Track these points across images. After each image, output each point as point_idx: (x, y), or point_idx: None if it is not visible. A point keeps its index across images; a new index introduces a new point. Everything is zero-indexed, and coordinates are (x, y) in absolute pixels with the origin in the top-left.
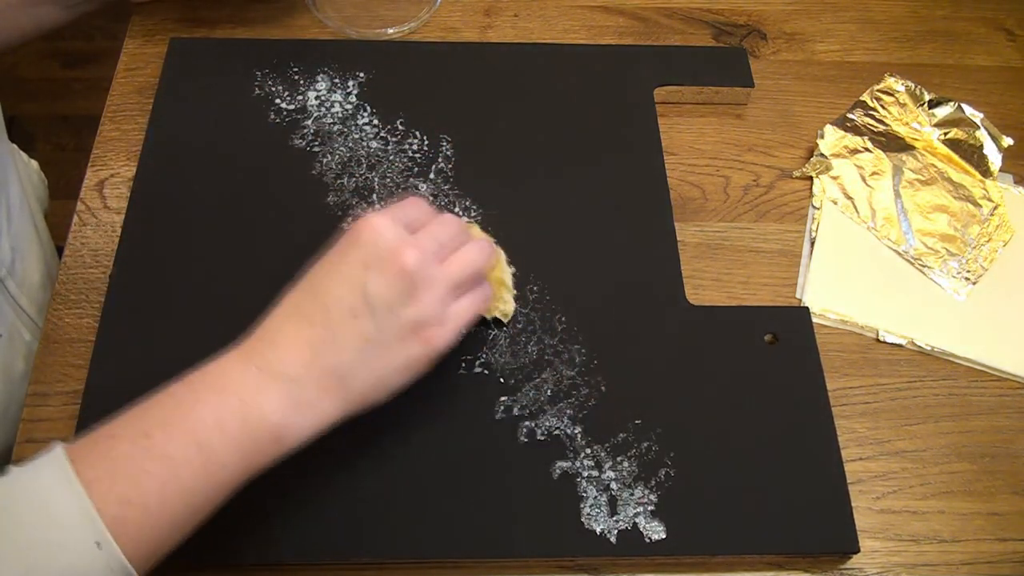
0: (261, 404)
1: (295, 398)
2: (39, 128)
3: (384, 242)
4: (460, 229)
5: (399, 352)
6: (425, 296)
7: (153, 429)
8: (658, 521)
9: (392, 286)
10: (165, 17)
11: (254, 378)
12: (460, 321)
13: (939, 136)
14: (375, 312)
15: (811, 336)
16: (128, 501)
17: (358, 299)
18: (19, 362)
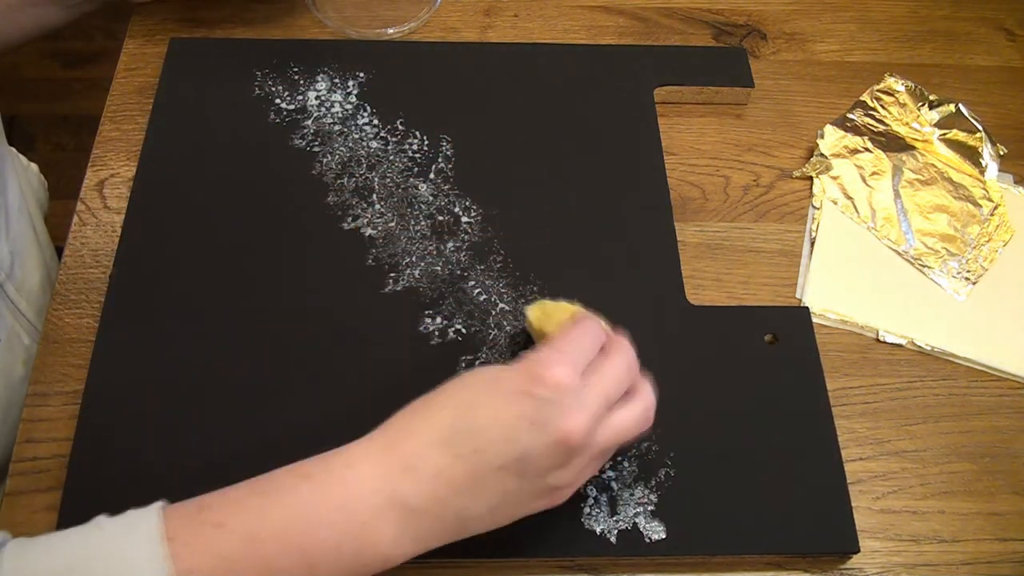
0: (380, 536)
1: (414, 534)
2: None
3: (559, 405)
4: (632, 373)
5: (527, 508)
6: (575, 466)
7: (267, 534)
8: (658, 521)
9: (551, 454)
10: (165, 17)
11: (382, 504)
12: (588, 475)
13: (939, 136)
14: (524, 474)
15: (811, 336)
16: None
17: (513, 457)
18: (18, 366)
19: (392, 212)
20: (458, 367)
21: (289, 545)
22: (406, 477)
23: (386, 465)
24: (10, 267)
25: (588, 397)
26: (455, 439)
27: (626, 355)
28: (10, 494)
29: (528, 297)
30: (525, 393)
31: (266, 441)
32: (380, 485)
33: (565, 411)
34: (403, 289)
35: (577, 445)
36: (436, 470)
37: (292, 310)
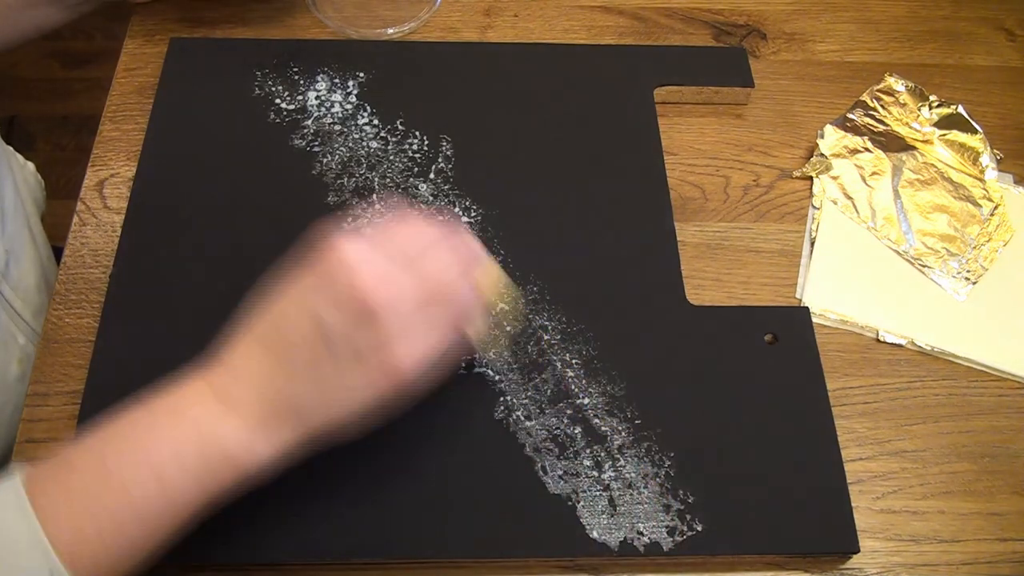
0: (218, 435)
1: (252, 429)
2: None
3: (338, 262)
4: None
5: (361, 383)
6: (388, 323)
7: (111, 460)
8: (658, 521)
9: (345, 313)
10: (165, 17)
11: (212, 408)
12: (429, 345)
13: (939, 136)
14: (329, 341)
15: (811, 336)
16: (83, 533)
17: (312, 328)
18: (13, 366)
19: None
20: (458, 367)
21: (132, 462)
22: (230, 380)
23: (211, 378)
24: (5, 266)
25: (374, 254)
26: (262, 332)
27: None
28: None
29: (528, 296)
30: (312, 270)
31: None
32: (207, 391)
33: (351, 267)
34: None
35: (372, 298)
36: (251, 365)
37: None
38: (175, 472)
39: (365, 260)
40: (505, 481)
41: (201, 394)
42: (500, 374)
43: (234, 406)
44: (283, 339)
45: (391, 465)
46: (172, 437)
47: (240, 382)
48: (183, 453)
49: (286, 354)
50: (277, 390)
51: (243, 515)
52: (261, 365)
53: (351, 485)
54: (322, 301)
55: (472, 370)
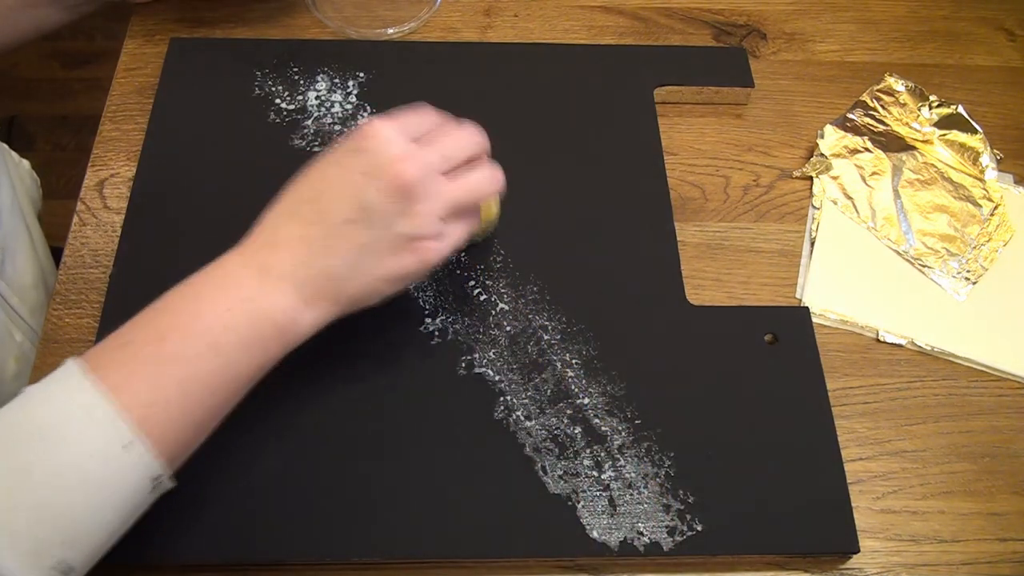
0: (265, 306)
1: (294, 299)
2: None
3: (385, 152)
4: (473, 144)
5: (392, 262)
6: (422, 211)
7: (166, 333)
8: (658, 521)
9: (389, 198)
10: (165, 17)
11: (255, 279)
12: (456, 239)
13: (939, 136)
14: (371, 222)
15: (811, 336)
16: (150, 402)
17: (355, 207)
18: (10, 363)
19: None
20: (458, 367)
21: (187, 333)
22: (269, 254)
23: (249, 251)
24: (1, 262)
25: (420, 148)
26: (303, 209)
27: (467, 131)
28: None
29: (528, 296)
30: (354, 151)
31: (264, 437)
32: (247, 266)
33: (394, 156)
34: (403, 289)
35: (412, 182)
36: (292, 239)
37: None
38: (227, 340)
39: (403, 143)
40: (505, 481)
41: (243, 268)
42: (500, 374)
43: (277, 279)
44: (322, 213)
45: (391, 465)
46: (223, 310)
47: (281, 257)
48: (234, 325)
49: (324, 226)
50: (316, 262)
51: (243, 515)
52: (301, 239)
53: (351, 485)
54: (362, 177)
55: (472, 370)
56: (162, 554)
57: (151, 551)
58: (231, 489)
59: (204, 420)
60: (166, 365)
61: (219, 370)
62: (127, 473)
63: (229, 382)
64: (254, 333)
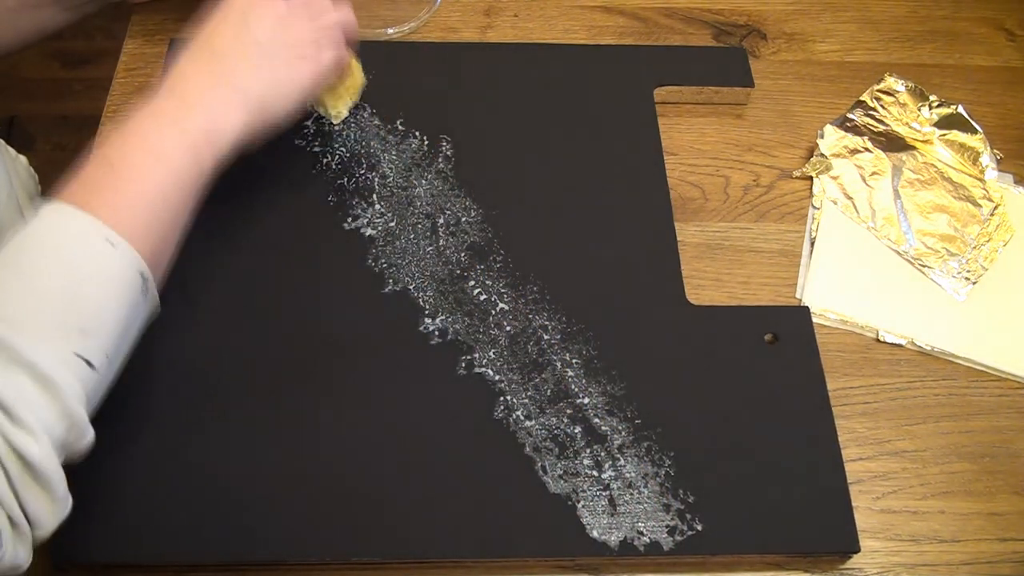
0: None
1: (211, 115)
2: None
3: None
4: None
5: (290, 68)
6: (299, 22)
7: (108, 156)
8: (658, 521)
9: (270, 20)
10: (165, 17)
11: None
12: (335, 35)
13: (939, 136)
14: (260, 43)
15: (811, 336)
16: (116, 206)
17: (245, 32)
18: None
19: (392, 212)
20: (458, 367)
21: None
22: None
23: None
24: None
25: None
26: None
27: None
28: None
29: (528, 296)
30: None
31: (265, 438)
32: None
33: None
34: (403, 289)
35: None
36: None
37: (291, 310)
38: (169, 149)
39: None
40: (505, 481)
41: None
42: (500, 374)
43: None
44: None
45: (391, 465)
46: (162, 136)
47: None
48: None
49: (226, 61)
50: (223, 83)
51: (243, 515)
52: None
53: (351, 485)
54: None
55: (472, 370)
56: (161, 554)
57: (150, 551)
58: (231, 489)
59: (164, 229)
60: (113, 176)
61: (167, 177)
62: (119, 265)
63: (178, 189)
64: (189, 145)
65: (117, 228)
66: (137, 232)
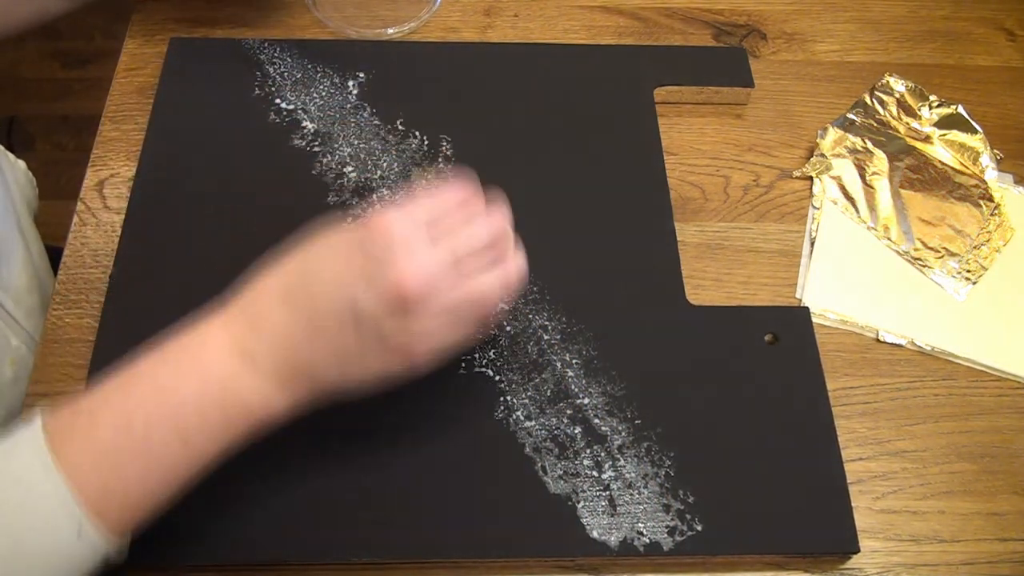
0: (239, 390)
1: (270, 385)
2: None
3: (390, 257)
4: (493, 233)
5: (378, 364)
6: (418, 322)
7: (135, 416)
8: (658, 521)
9: (384, 305)
10: (165, 17)
11: (234, 362)
12: (449, 344)
13: (939, 136)
14: (361, 326)
15: (811, 336)
16: (109, 490)
17: (347, 308)
18: (6, 368)
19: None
20: (458, 367)
21: (158, 422)
22: (251, 335)
23: (234, 329)
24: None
25: (430, 251)
26: (292, 294)
27: (489, 221)
28: None
29: (528, 297)
30: (357, 244)
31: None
32: (231, 347)
33: (397, 263)
34: None
35: (412, 297)
36: (276, 324)
37: None
38: (196, 426)
39: (411, 248)
40: (505, 481)
41: (222, 346)
42: (500, 374)
43: (254, 361)
44: (313, 304)
45: (391, 465)
46: (193, 391)
47: (262, 338)
48: (204, 408)
49: (312, 319)
50: (297, 351)
51: (243, 515)
52: (286, 324)
53: (351, 485)
54: (361, 280)
55: (472, 370)
56: (162, 555)
57: (151, 552)
58: (231, 489)
59: (161, 501)
60: (130, 454)
61: (184, 458)
62: (79, 554)
63: (192, 466)
64: (224, 417)
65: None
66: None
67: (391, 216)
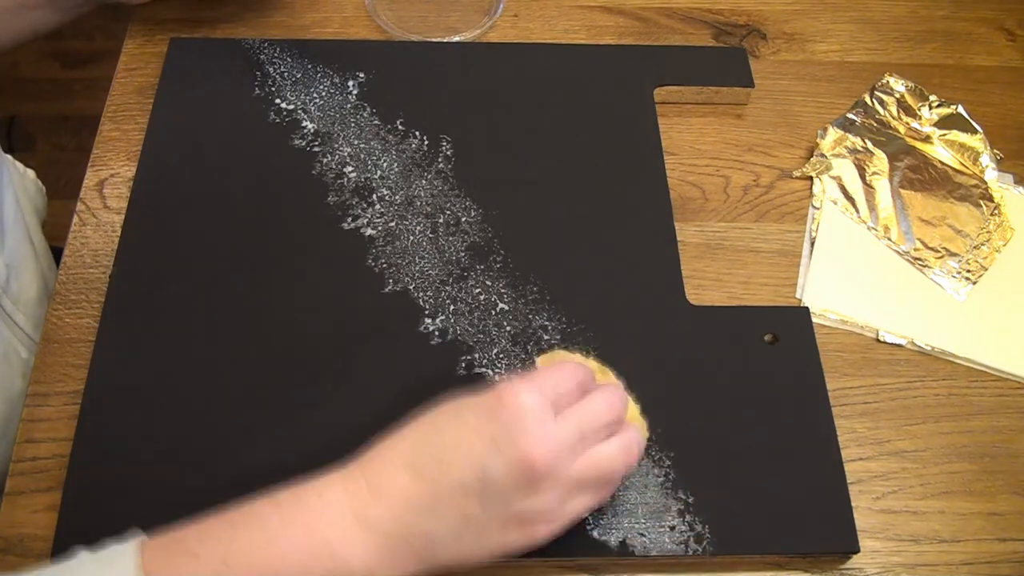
0: (348, 556)
1: (382, 553)
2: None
3: (521, 425)
4: (614, 411)
5: (496, 538)
6: (543, 493)
7: (236, 559)
8: (658, 521)
9: (513, 476)
10: (165, 17)
11: (348, 527)
12: (571, 518)
13: (939, 136)
14: (486, 494)
15: (811, 336)
16: None
17: (474, 476)
18: (17, 380)
19: (392, 212)
20: (458, 367)
21: (257, 567)
22: (371, 499)
23: (353, 490)
24: (6, 280)
25: (557, 424)
26: (419, 461)
27: (608, 395)
28: (10, 494)
29: (528, 297)
30: (489, 414)
31: (266, 440)
32: (346, 508)
33: (529, 433)
34: (403, 289)
35: (541, 469)
36: (399, 491)
37: (292, 310)
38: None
39: (541, 420)
40: None
41: (339, 505)
42: (500, 374)
43: (370, 529)
44: (439, 470)
45: None
46: (302, 549)
47: (382, 505)
48: (307, 565)
49: (437, 487)
50: (417, 519)
51: None
52: (408, 493)
53: None
54: (491, 449)
55: (472, 370)
56: None
57: None
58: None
59: None
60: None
61: None
62: None
63: None
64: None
65: None
66: None
67: (521, 387)
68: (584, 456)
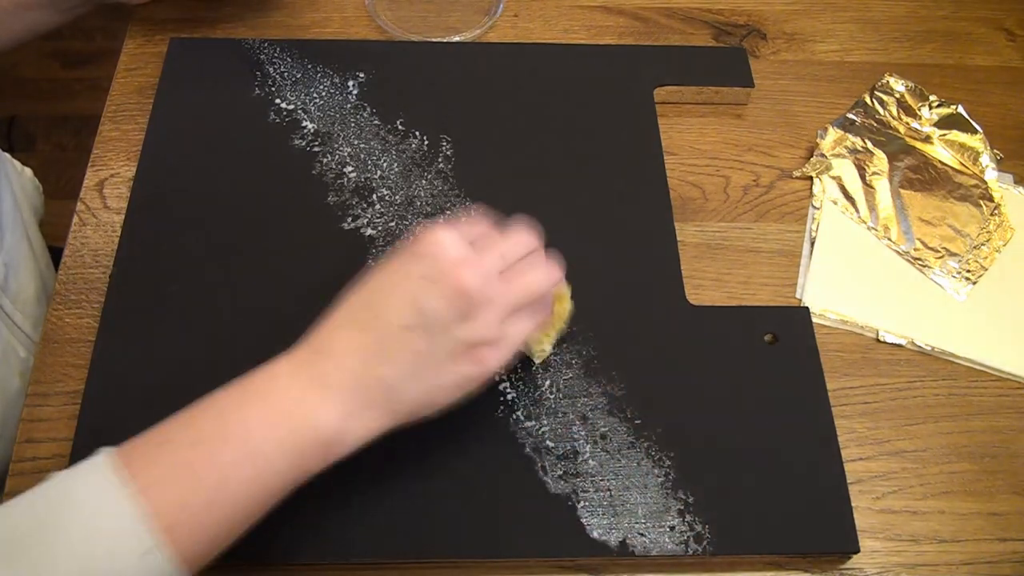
0: (310, 414)
1: (343, 409)
2: (39, 128)
3: (446, 257)
4: (527, 244)
5: (450, 370)
6: (482, 316)
7: (204, 437)
8: (658, 521)
9: (449, 304)
10: (165, 17)
11: (304, 388)
12: (515, 342)
13: (939, 136)
14: (429, 328)
15: (811, 336)
16: (179, 507)
17: (413, 313)
18: (15, 379)
19: (392, 212)
20: None
21: (226, 439)
22: (320, 359)
23: (302, 359)
24: (4, 279)
25: (481, 255)
26: (359, 316)
27: (520, 234)
28: (10, 494)
29: None
30: (414, 256)
31: None
32: (298, 371)
33: (455, 261)
34: None
35: (473, 293)
36: (346, 345)
37: (292, 310)
38: (268, 451)
39: (463, 252)
40: (505, 481)
41: (293, 375)
42: (500, 375)
43: (330, 391)
44: (381, 321)
45: (391, 465)
46: (268, 422)
47: (337, 366)
48: (278, 438)
49: (383, 337)
50: (373, 374)
51: None
52: (359, 350)
53: (350, 485)
54: (423, 285)
55: None
56: None
57: None
58: None
59: (232, 527)
60: (201, 470)
61: (255, 479)
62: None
63: (265, 491)
64: (295, 445)
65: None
66: (187, 538)
67: (435, 228)
68: (511, 281)
